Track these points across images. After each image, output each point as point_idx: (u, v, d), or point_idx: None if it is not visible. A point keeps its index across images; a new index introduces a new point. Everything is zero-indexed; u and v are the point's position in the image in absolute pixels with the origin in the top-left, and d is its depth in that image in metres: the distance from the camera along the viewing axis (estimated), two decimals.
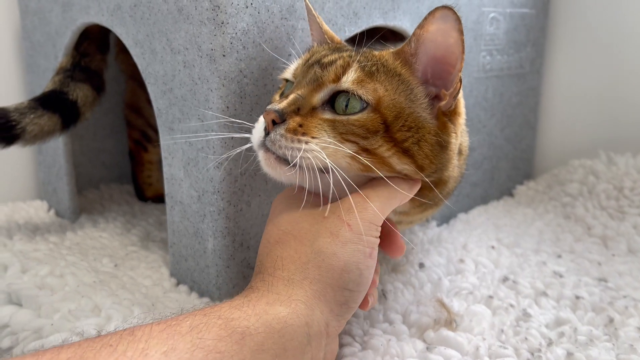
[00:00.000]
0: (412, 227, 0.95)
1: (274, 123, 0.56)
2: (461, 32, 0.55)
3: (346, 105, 0.57)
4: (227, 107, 0.67)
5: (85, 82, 0.90)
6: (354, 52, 0.61)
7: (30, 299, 0.70)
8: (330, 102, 0.58)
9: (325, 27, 0.68)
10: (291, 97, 0.58)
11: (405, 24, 0.86)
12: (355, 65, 0.58)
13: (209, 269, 0.73)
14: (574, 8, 1.20)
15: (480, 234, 0.97)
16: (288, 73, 0.64)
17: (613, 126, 1.19)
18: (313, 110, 0.58)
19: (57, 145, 0.99)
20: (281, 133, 0.55)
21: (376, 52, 0.61)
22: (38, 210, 1.05)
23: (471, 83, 1.01)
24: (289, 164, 0.55)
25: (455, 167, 0.66)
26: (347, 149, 0.56)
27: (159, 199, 1.15)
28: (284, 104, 0.57)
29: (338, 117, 0.57)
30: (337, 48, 0.64)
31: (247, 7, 0.65)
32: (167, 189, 0.77)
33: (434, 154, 0.59)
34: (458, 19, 0.54)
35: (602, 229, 0.96)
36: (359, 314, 0.70)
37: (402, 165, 0.58)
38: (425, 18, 0.55)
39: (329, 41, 0.67)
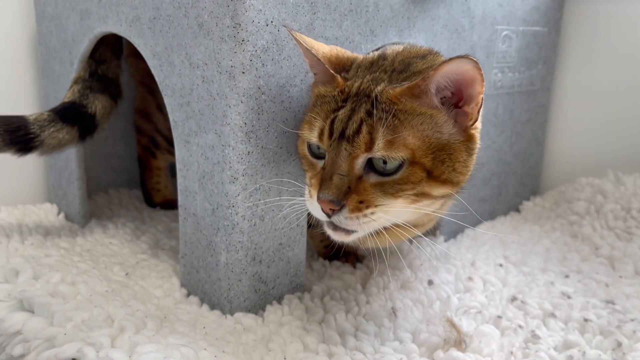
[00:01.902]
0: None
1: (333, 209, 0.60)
2: (477, 68, 0.58)
3: (384, 162, 0.60)
4: (245, 124, 0.67)
5: (104, 93, 0.91)
6: (370, 101, 0.60)
7: (42, 306, 0.71)
8: (369, 163, 0.60)
9: (321, 52, 0.65)
10: (335, 179, 0.60)
11: (420, 41, 0.86)
12: (380, 129, 0.59)
13: (221, 281, 0.74)
14: (586, 26, 1.20)
15: (488, 251, 0.98)
16: (310, 134, 0.64)
17: (621, 145, 1.20)
18: (359, 179, 0.60)
19: (69, 150, 0.99)
20: (346, 217, 0.59)
21: (392, 95, 0.60)
22: (48, 214, 1.05)
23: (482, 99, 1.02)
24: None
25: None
26: (401, 203, 0.61)
27: (167, 205, 1.16)
28: (333, 190, 0.59)
29: (384, 179, 0.60)
30: (350, 96, 0.63)
31: (267, 25, 0.66)
32: (181, 200, 0.78)
33: (466, 167, 0.64)
34: (473, 62, 0.57)
35: (609, 250, 0.96)
36: (369, 330, 0.70)
37: (441, 191, 0.63)
38: (442, 64, 0.57)
39: (328, 68, 0.65)
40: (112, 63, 0.96)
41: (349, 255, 0.93)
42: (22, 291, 0.73)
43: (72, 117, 0.87)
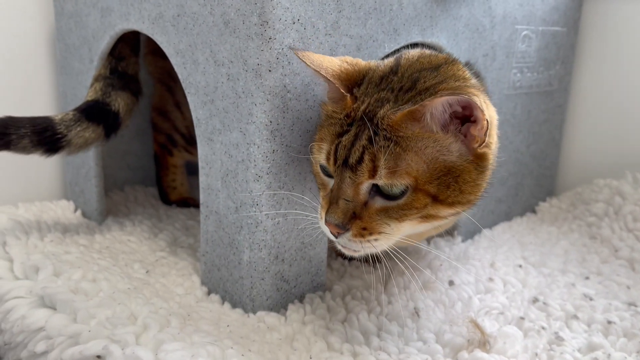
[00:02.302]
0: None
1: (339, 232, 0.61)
2: (472, 100, 0.56)
3: (390, 186, 0.59)
4: (270, 122, 0.67)
5: (125, 90, 0.91)
6: (373, 128, 0.59)
7: (65, 303, 0.71)
8: (375, 186, 0.60)
9: (331, 71, 0.63)
10: (341, 204, 0.60)
11: (442, 40, 0.86)
12: (381, 158, 0.58)
13: (243, 280, 0.73)
14: (604, 26, 1.20)
15: (506, 252, 0.97)
16: (319, 155, 0.64)
17: (638, 146, 1.19)
18: (365, 204, 0.60)
19: None
20: (349, 238, 0.61)
21: (392, 119, 0.59)
22: (65, 211, 1.05)
23: (501, 100, 1.01)
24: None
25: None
26: (406, 226, 0.62)
27: (183, 203, 1.16)
28: (339, 214, 0.60)
29: (389, 204, 0.60)
30: (355, 121, 0.62)
31: (294, 23, 0.66)
32: (203, 198, 0.78)
33: (476, 186, 0.62)
34: (466, 99, 0.56)
35: (629, 252, 0.96)
36: (392, 330, 0.70)
37: (450, 211, 0.62)
38: (435, 97, 0.57)
39: (339, 87, 0.63)
40: (131, 60, 0.96)
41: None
42: (44, 288, 0.73)
43: (97, 115, 0.87)
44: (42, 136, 0.81)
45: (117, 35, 0.89)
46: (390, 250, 0.64)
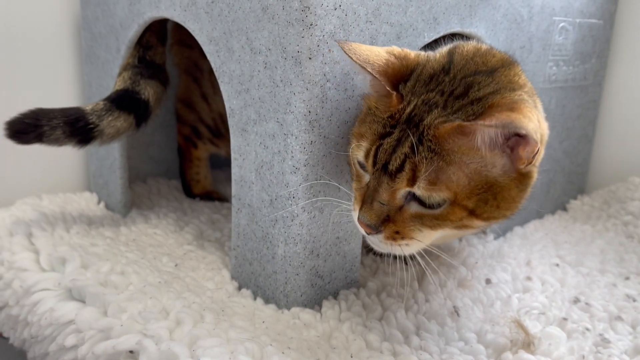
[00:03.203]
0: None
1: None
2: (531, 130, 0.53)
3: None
4: (309, 112, 0.65)
5: (153, 79, 0.90)
6: (418, 135, 0.56)
7: (94, 296, 0.69)
8: (412, 192, 0.58)
9: (377, 67, 0.60)
10: (376, 206, 0.59)
11: (481, 31, 0.83)
12: (422, 169, 0.55)
13: (277, 275, 0.71)
14: (639, 20, 1.16)
15: (541, 250, 0.94)
16: (357, 151, 0.62)
17: None
18: (400, 208, 0.58)
19: None
20: (380, 240, 0.60)
21: (439, 130, 0.56)
22: (89, 203, 1.04)
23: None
24: None
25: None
26: (439, 233, 0.60)
27: (207, 196, 1.14)
28: (372, 215, 0.58)
29: (424, 211, 0.58)
30: (399, 124, 0.58)
31: (335, 9, 0.63)
32: (235, 190, 0.76)
33: (514, 202, 0.60)
34: (526, 124, 0.52)
35: None
36: (432, 329, 0.67)
37: (484, 223, 0.60)
38: (487, 117, 0.54)
39: (385, 85, 0.60)
40: (159, 49, 0.95)
41: None
42: (73, 280, 0.72)
43: (128, 104, 0.85)
44: (75, 127, 0.79)
45: (145, 24, 0.87)
46: (421, 250, 0.62)
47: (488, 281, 0.80)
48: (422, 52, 0.65)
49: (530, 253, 0.92)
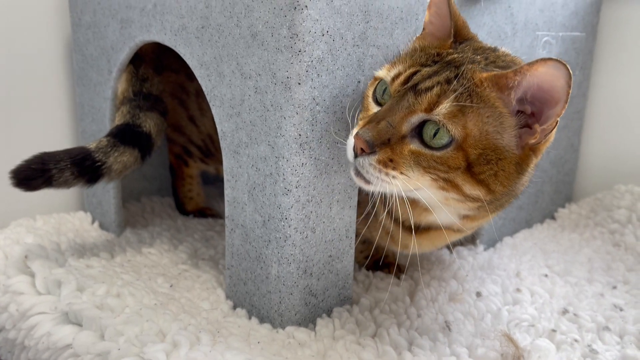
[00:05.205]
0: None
1: (364, 150, 0.58)
2: (569, 84, 0.55)
3: (434, 134, 0.58)
4: (300, 135, 0.66)
5: (152, 110, 0.90)
6: (455, 73, 0.60)
7: (91, 320, 0.70)
8: (419, 127, 0.59)
9: (454, 10, 0.66)
10: (382, 125, 0.59)
11: None
12: (451, 97, 0.58)
13: (271, 294, 0.72)
14: (622, 31, 1.19)
15: (530, 260, 0.96)
16: (386, 73, 0.64)
17: None
18: (402, 138, 0.59)
19: None
20: (370, 163, 0.58)
21: (477, 75, 0.59)
22: (83, 223, 1.05)
23: None
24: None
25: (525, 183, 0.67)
26: (427, 181, 0.59)
27: (200, 213, 1.15)
28: (375, 133, 0.58)
29: (424, 151, 0.59)
30: (442, 61, 0.62)
31: (323, 35, 0.65)
32: (229, 211, 0.77)
33: (509, 181, 0.61)
34: (569, 73, 0.54)
35: None
36: (424, 345, 0.69)
37: (473, 191, 0.60)
38: (537, 61, 0.55)
39: (452, 27, 0.66)
40: (155, 80, 0.96)
41: (389, 266, 0.92)
42: (69, 304, 0.73)
43: (131, 138, 0.86)
44: (83, 166, 0.79)
45: (137, 47, 0.88)
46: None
47: (479, 294, 0.82)
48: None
49: (520, 264, 0.94)
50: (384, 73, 0.65)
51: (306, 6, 0.62)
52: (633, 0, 1.16)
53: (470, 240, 1.02)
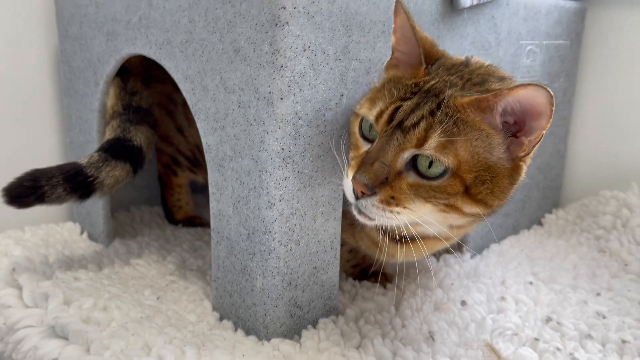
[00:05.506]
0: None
1: (364, 192, 0.60)
2: (551, 102, 0.56)
3: (429, 164, 0.60)
4: (282, 149, 0.67)
5: (143, 124, 0.91)
6: (437, 102, 0.61)
7: (77, 334, 0.70)
8: (413, 160, 0.60)
9: (421, 36, 0.67)
10: (377, 166, 0.60)
11: None
12: (438, 130, 0.59)
13: (257, 307, 0.73)
14: (606, 38, 1.20)
15: (516, 268, 0.97)
16: (367, 112, 0.65)
17: None
18: (399, 174, 0.61)
19: None
20: (373, 204, 0.60)
21: (458, 101, 0.60)
22: (71, 233, 1.05)
23: None
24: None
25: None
26: (429, 209, 0.62)
27: (189, 222, 1.15)
28: (371, 175, 0.60)
29: (421, 182, 0.60)
30: (421, 91, 0.63)
31: (304, 50, 0.65)
32: (214, 224, 0.77)
33: (504, 194, 0.63)
34: (549, 93, 0.55)
35: (639, 266, 0.96)
36: (408, 356, 0.69)
37: (472, 209, 0.62)
38: (517, 86, 0.57)
39: (421, 54, 0.66)
40: (144, 93, 0.96)
41: (376, 275, 0.92)
42: (55, 318, 0.73)
43: (122, 152, 0.86)
44: (75, 182, 0.79)
45: (122, 60, 0.89)
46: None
47: (463, 303, 0.83)
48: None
49: (506, 271, 0.95)
50: (365, 111, 0.65)
51: (287, 22, 0.63)
52: (618, 7, 1.18)
53: (457, 247, 1.02)
